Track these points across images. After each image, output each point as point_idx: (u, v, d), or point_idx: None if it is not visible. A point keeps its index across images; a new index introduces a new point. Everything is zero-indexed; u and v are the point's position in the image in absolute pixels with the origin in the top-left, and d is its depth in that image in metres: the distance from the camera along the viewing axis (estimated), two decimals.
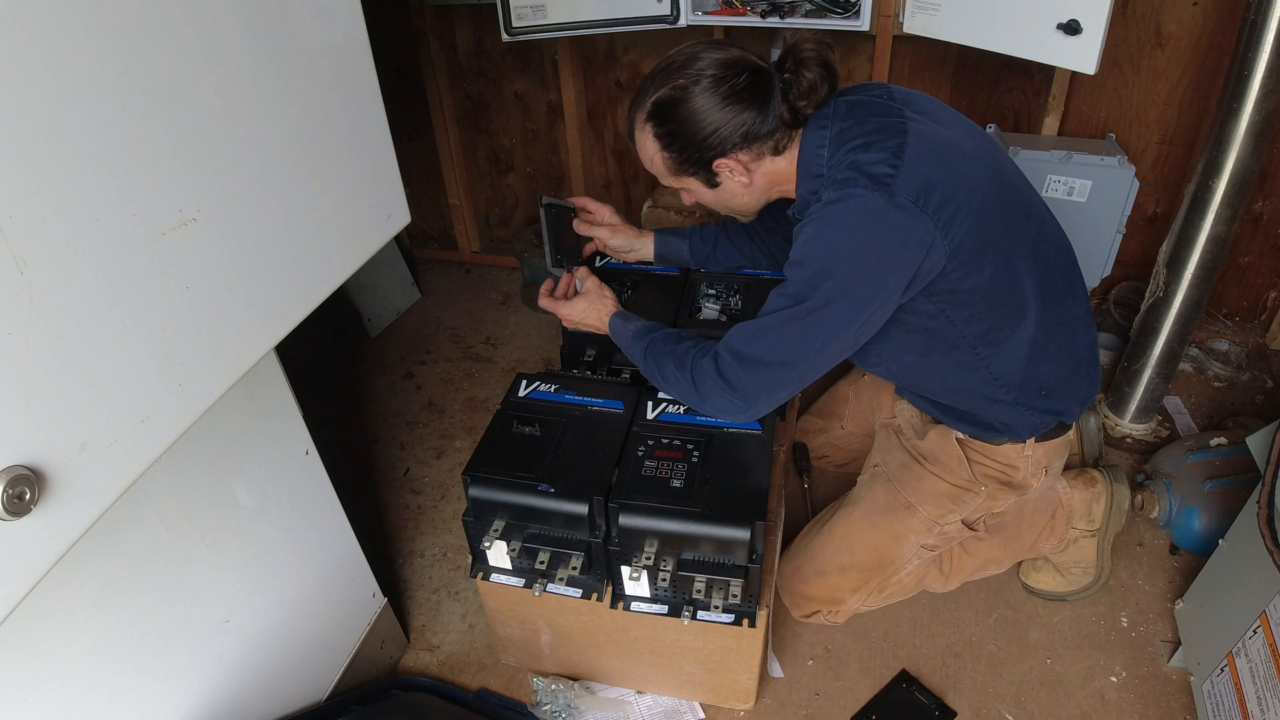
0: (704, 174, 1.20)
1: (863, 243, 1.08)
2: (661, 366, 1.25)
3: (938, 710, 1.40)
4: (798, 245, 1.12)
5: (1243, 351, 2.11)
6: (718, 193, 1.24)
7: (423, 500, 1.88)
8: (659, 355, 1.26)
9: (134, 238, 0.67)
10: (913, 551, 1.43)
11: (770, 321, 1.13)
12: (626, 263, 1.64)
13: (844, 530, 1.46)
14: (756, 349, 1.15)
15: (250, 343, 0.83)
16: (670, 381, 1.25)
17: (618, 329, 1.36)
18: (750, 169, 1.19)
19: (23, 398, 0.60)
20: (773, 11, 1.78)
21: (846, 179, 1.09)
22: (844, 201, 1.07)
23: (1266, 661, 1.16)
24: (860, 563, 1.44)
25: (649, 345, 1.28)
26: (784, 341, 1.13)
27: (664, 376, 1.25)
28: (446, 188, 2.56)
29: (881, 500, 1.44)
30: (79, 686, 0.91)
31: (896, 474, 1.44)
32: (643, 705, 1.42)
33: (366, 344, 2.38)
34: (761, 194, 1.25)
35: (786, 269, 1.14)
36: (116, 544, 0.92)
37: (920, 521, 1.40)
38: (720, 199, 1.26)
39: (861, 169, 1.08)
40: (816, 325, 1.11)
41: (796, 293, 1.11)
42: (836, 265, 1.09)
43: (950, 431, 1.38)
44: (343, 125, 0.93)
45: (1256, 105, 1.45)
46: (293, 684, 1.27)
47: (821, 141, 1.15)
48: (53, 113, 0.60)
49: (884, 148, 1.08)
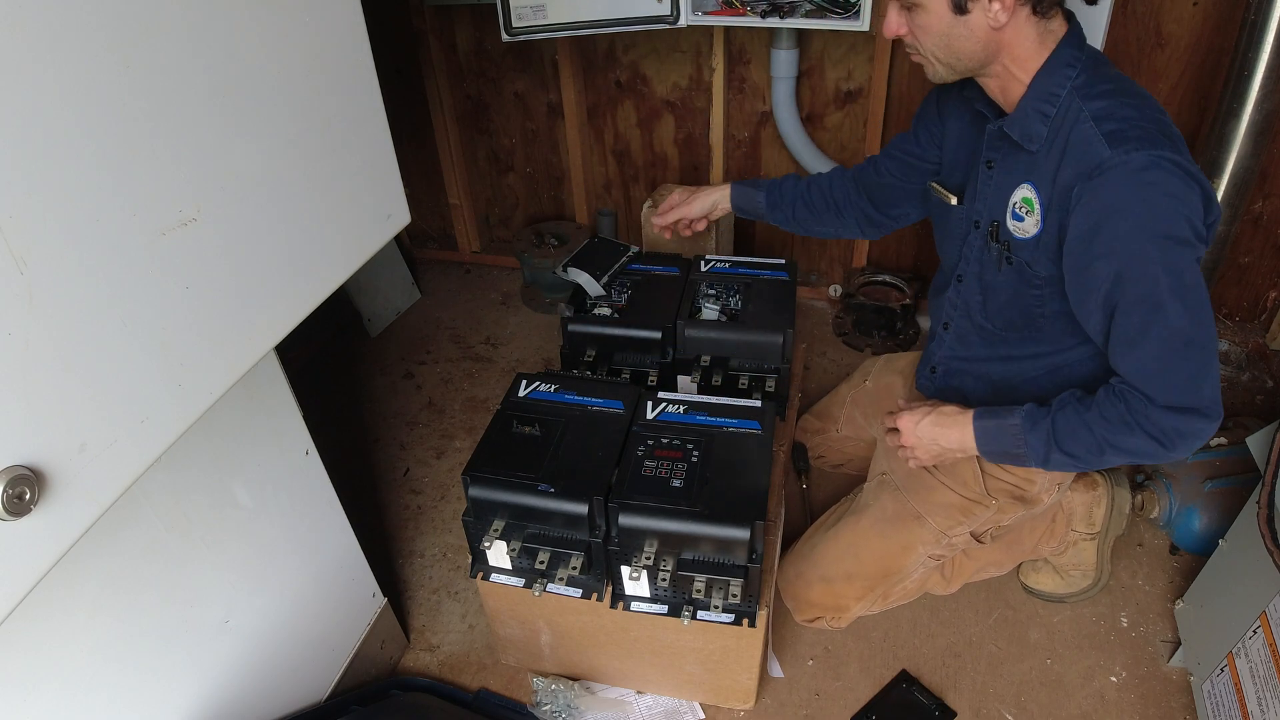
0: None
1: (1186, 205, 1.00)
2: (1091, 443, 1.11)
3: (938, 710, 1.40)
4: (1113, 224, 1.01)
5: (1243, 352, 2.11)
6: (952, 24, 1.06)
7: (423, 500, 1.88)
8: (1077, 434, 1.11)
9: (134, 238, 0.67)
10: (919, 561, 1.43)
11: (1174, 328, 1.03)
12: (714, 220, 1.63)
13: (851, 538, 1.45)
14: (1190, 359, 1.05)
15: (250, 343, 0.83)
16: (1120, 452, 1.10)
17: (989, 433, 1.19)
18: (1012, 13, 1.04)
19: (23, 398, 0.60)
20: (773, 11, 1.78)
21: (1144, 136, 0.99)
22: (1156, 168, 0.98)
23: (1266, 661, 1.16)
24: (867, 571, 1.43)
25: (1051, 429, 1.13)
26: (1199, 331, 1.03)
27: (1102, 452, 1.11)
28: (446, 188, 2.56)
29: (890, 510, 1.42)
30: (79, 686, 0.91)
31: (905, 483, 1.43)
32: (643, 705, 1.42)
33: (366, 344, 2.38)
34: (989, 53, 1.08)
35: (1107, 256, 1.03)
36: (116, 544, 0.92)
37: (929, 533, 1.39)
38: (946, 35, 1.08)
39: (1166, 131, 1.01)
40: (1202, 296, 1.03)
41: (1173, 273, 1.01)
42: (1179, 229, 1.00)
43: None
44: (343, 125, 0.93)
45: (1256, 105, 1.45)
46: (293, 684, 1.27)
47: (1073, 64, 1.06)
48: (53, 113, 0.60)
49: (1159, 114, 1.03)
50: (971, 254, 1.28)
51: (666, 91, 2.24)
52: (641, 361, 1.57)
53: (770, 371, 1.54)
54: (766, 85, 2.11)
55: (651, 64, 2.21)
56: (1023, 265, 1.18)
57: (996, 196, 1.20)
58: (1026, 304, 1.21)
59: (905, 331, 2.25)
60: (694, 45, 2.13)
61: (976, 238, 1.26)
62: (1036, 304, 1.20)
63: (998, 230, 1.21)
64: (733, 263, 1.70)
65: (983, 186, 1.23)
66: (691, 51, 2.15)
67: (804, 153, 2.12)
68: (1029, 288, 1.19)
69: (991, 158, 1.21)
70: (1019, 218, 1.17)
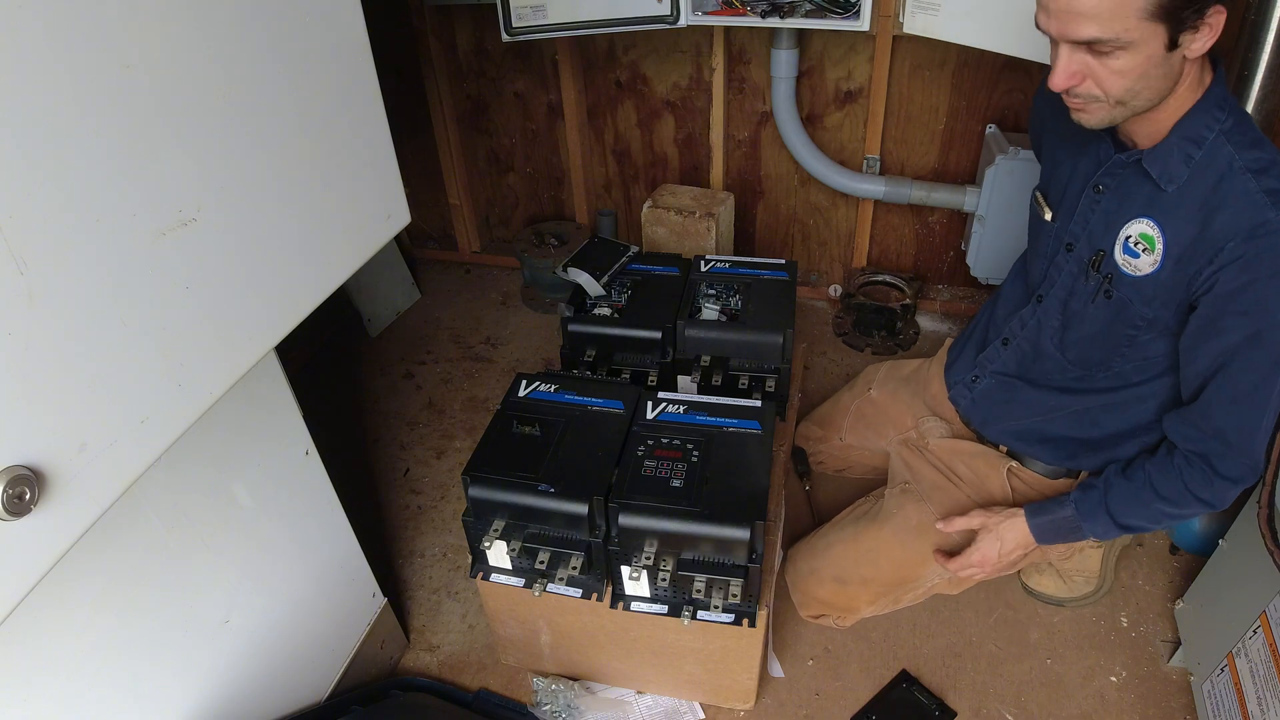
0: (1178, 25, 0.92)
1: None
2: (1151, 514, 1.18)
3: (938, 710, 1.40)
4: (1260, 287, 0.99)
5: None
6: (1159, 62, 0.95)
7: (423, 500, 1.88)
8: (1135, 508, 1.18)
9: (134, 238, 0.67)
10: (937, 572, 1.42)
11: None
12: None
13: (871, 544, 1.44)
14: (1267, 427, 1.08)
15: (250, 343, 0.83)
16: (1178, 519, 1.19)
17: (1045, 529, 1.27)
18: (1210, 41, 0.95)
19: (23, 398, 0.60)
20: (773, 12, 1.78)
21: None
22: None
23: (1266, 661, 1.16)
24: (883, 578, 1.43)
25: (1108, 514, 1.20)
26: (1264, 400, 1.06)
27: (1160, 521, 1.19)
28: (446, 188, 2.56)
29: (914, 521, 1.41)
30: (79, 686, 0.91)
31: (929, 493, 1.42)
32: (643, 705, 1.42)
33: (366, 344, 2.38)
34: (1169, 89, 1.00)
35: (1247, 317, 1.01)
36: (116, 544, 0.92)
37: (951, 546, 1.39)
38: (1146, 76, 0.97)
39: None
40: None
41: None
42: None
43: (1002, 462, 1.36)
44: (343, 125, 0.93)
45: (1256, 105, 1.45)
46: (293, 684, 1.27)
47: (1224, 107, 1.02)
48: (53, 113, 0.60)
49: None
50: (1060, 278, 1.23)
51: (666, 91, 2.24)
52: (641, 361, 1.57)
53: (770, 371, 1.54)
54: (766, 85, 2.11)
55: (651, 64, 2.21)
56: (1126, 302, 1.14)
57: (1105, 226, 1.15)
58: (1116, 341, 1.17)
59: (905, 331, 2.25)
60: (694, 45, 2.13)
61: (1070, 262, 1.21)
62: (1126, 343, 1.16)
63: (1101, 261, 1.15)
64: (733, 263, 1.70)
65: (1085, 211, 1.18)
66: (691, 51, 2.15)
67: (804, 153, 2.12)
68: (1125, 326, 1.15)
69: (1104, 184, 1.15)
70: (1132, 253, 1.11)
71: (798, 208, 2.34)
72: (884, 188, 2.10)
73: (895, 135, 2.12)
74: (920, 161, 2.15)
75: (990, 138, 2.00)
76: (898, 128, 2.11)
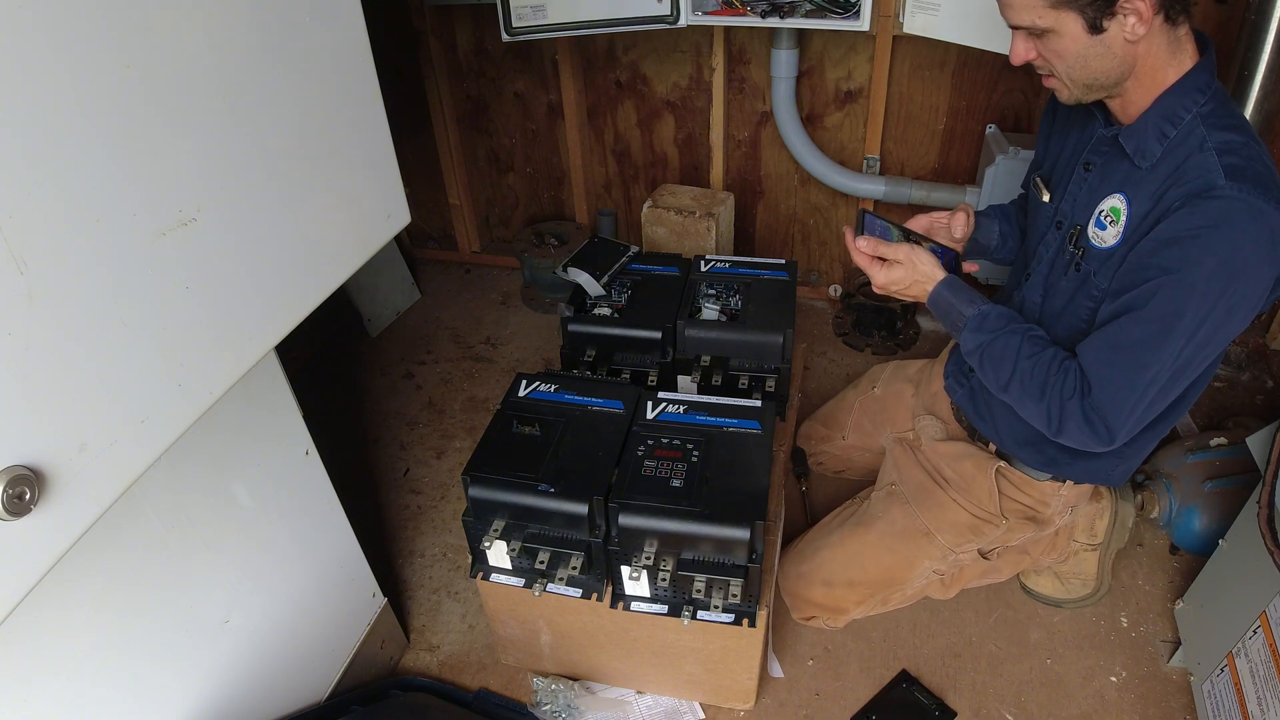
0: (1096, 9, 0.98)
1: (1272, 265, 0.98)
2: (1003, 376, 1.16)
3: (938, 710, 1.40)
4: (1181, 246, 0.99)
5: (1243, 351, 2.11)
6: (1089, 45, 1.02)
7: (423, 500, 1.88)
8: (1002, 361, 1.16)
9: (134, 238, 0.67)
10: (923, 575, 1.43)
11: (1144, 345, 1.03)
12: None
13: (857, 547, 1.44)
14: (1144, 397, 1.05)
15: (250, 343, 0.83)
16: (1016, 400, 1.16)
17: (943, 304, 1.22)
18: (1149, 25, 0.99)
19: (23, 398, 0.60)
20: (773, 11, 1.78)
21: (1263, 182, 0.97)
22: (1262, 219, 0.96)
23: (1266, 661, 1.16)
24: (870, 580, 1.44)
25: (988, 344, 1.18)
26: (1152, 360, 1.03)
27: (1005, 389, 1.16)
28: (446, 188, 2.56)
29: (900, 524, 1.42)
30: (79, 685, 0.91)
31: (915, 496, 1.42)
32: (643, 705, 1.42)
33: (366, 344, 2.38)
34: (1125, 70, 1.04)
35: (1153, 269, 1.01)
36: (116, 544, 0.92)
37: (937, 549, 1.39)
38: (1082, 57, 1.03)
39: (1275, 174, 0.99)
40: (1208, 357, 1.04)
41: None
42: (1253, 285, 0.99)
43: (990, 462, 1.36)
44: (343, 125, 0.93)
45: (1256, 105, 1.45)
46: (293, 684, 1.27)
47: (1205, 90, 1.03)
48: (53, 113, 0.60)
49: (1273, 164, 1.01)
50: (1046, 253, 1.25)
51: (666, 91, 2.24)
52: (641, 361, 1.57)
53: (770, 371, 1.54)
54: (766, 85, 2.11)
55: (651, 64, 2.21)
56: (1089, 274, 1.15)
57: (1087, 201, 1.17)
58: (1078, 314, 1.18)
59: (905, 331, 2.25)
60: (694, 45, 2.13)
61: (1055, 238, 1.23)
62: (1086, 317, 1.16)
63: (1078, 235, 1.17)
64: (733, 263, 1.70)
65: (1074, 187, 1.20)
66: (691, 51, 2.15)
67: (804, 153, 2.12)
68: (1085, 299, 1.16)
69: (1092, 161, 1.17)
70: (1101, 226, 1.13)
71: (798, 208, 2.34)
72: (884, 188, 2.10)
73: (895, 135, 2.12)
74: (920, 161, 2.15)
75: (990, 138, 2.00)
76: (898, 128, 2.11)
